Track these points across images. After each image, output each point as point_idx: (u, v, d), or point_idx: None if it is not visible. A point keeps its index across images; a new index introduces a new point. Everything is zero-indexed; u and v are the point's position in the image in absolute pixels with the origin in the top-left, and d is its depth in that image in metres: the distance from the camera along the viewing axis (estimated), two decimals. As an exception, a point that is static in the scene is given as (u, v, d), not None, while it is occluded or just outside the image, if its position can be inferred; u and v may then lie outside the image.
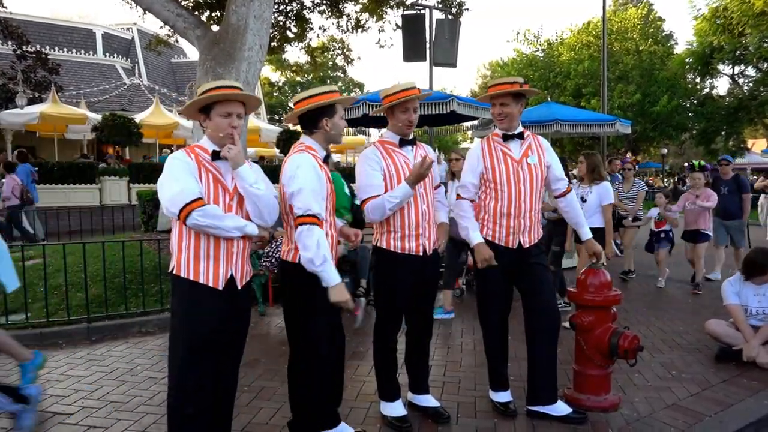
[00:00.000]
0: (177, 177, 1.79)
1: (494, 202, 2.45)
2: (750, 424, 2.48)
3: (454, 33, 7.02)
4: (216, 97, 1.84)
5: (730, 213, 5.54)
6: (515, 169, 2.43)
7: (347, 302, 1.92)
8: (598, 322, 2.57)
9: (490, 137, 2.55)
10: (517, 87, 2.41)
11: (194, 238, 1.83)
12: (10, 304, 3.99)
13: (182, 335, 1.84)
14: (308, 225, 1.90)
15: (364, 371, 3.10)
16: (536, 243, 2.50)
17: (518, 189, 2.42)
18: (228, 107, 1.85)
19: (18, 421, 2.37)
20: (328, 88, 2.09)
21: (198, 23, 5.12)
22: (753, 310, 3.25)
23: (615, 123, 8.06)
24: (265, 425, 2.45)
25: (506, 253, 2.45)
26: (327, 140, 2.11)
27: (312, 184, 1.94)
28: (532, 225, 2.47)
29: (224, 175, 1.89)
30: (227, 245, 1.86)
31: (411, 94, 2.27)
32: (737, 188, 5.60)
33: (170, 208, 1.78)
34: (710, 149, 19.06)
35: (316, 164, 2.00)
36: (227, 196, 1.87)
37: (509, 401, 2.56)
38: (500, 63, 23.83)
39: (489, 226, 2.48)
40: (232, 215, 1.86)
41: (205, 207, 1.78)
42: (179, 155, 1.86)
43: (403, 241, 2.31)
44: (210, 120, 1.87)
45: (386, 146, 2.36)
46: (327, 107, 2.06)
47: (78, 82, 17.14)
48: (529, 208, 2.44)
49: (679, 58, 18.88)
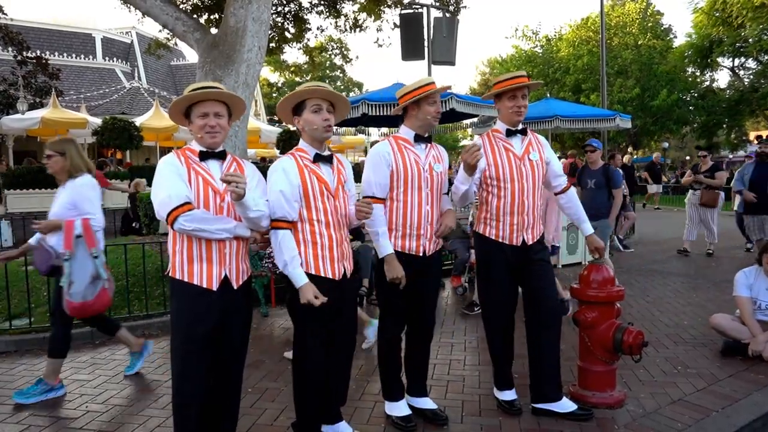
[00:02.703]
0: (165, 182, 1.80)
1: (497, 199, 2.43)
2: (757, 419, 2.46)
3: (452, 31, 7.00)
4: (191, 98, 1.85)
5: (594, 211, 4.28)
6: (518, 165, 2.42)
7: (315, 301, 1.90)
8: (601, 318, 2.56)
9: (490, 133, 2.53)
10: (528, 80, 2.43)
11: (186, 240, 1.84)
12: (13, 309, 4.00)
13: (180, 336, 1.86)
14: (273, 229, 1.96)
15: (368, 370, 3.09)
16: (539, 239, 2.49)
17: (521, 186, 2.40)
18: (203, 107, 1.85)
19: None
20: (300, 88, 2.02)
21: (197, 26, 5.12)
22: (763, 305, 3.22)
23: (615, 118, 8.03)
24: (269, 426, 2.44)
25: (511, 250, 2.43)
26: (310, 138, 2.05)
27: (279, 186, 1.95)
28: (535, 222, 2.47)
29: (214, 176, 1.88)
30: (219, 246, 1.86)
31: (435, 87, 2.30)
32: (606, 182, 4.71)
33: (160, 212, 1.80)
34: (712, 142, 18.97)
35: (289, 167, 1.98)
36: (218, 198, 1.86)
37: (514, 399, 2.55)
38: (499, 60, 23.79)
39: (492, 224, 2.46)
40: (220, 218, 1.85)
41: (193, 212, 1.78)
42: (169, 159, 1.86)
43: (404, 240, 2.30)
44: (190, 122, 1.89)
45: (399, 142, 2.33)
46: (296, 106, 2.03)
47: (78, 86, 17.18)
48: (532, 204, 2.43)
49: (678, 51, 18.81)
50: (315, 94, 2.01)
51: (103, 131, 12.02)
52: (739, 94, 17.81)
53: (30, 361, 3.50)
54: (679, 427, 2.34)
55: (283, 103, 2.05)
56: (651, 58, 18.76)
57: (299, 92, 2.01)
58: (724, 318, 3.37)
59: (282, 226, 1.95)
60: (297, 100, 2.03)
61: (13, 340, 3.76)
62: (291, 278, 1.95)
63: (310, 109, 2.01)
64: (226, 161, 1.93)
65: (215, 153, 1.91)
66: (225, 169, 1.90)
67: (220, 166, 1.91)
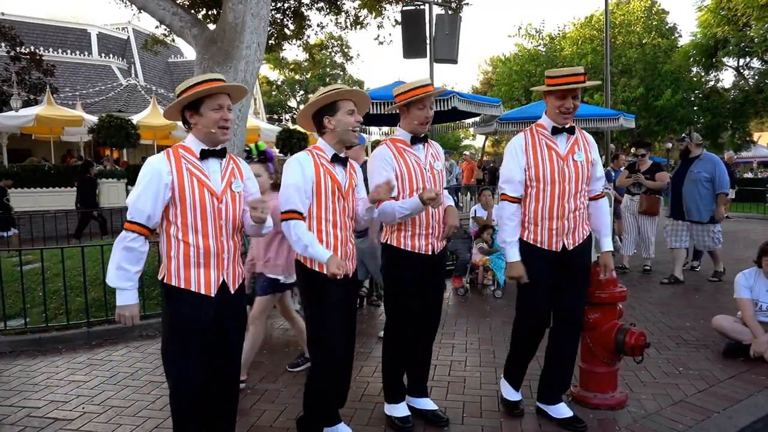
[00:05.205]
0: (136, 188, 1.75)
1: (535, 203, 2.27)
2: (759, 420, 2.46)
3: (454, 28, 6.95)
4: (208, 91, 1.78)
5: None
6: (560, 166, 2.24)
7: (343, 270, 1.92)
8: (604, 319, 2.54)
9: (533, 128, 2.32)
10: (584, 79, 2.20)
11: (183, 245, 1.78)
12: (8, 309, 3.95)
13: (177, 341, 1.80)
14: (286, 221, 1.98)
15: (368, 372, 3.07)
16: (582, 242, 2.31)
17: (562, 188, 2.23)
18: (219, 99, 1.81)
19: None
20: (331, 88, 2.06)
21: (194, 22, 5.06)
22: (764, 306, 3.22)
23: (619, 117, 8.01)
24: (268, 428, 2.42)
25: (549, 256, 2.29)
26: (336, 139, 2.06)
27: (293, 179, 1.97)
28: (577, 226, 2.29)
29: (211, 176, 1.81)
30: (217, 251, 1.82)
31: (428, 91, 2.22)
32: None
33: (127, 216, 1.77)
34: (716, 143, 18.99)
35: (306, 162, 2.00)
36: (215, 200, 1.80)
37: (519, 400, 2.54)
38: (501, 59, 23.74)
39: (530, 228, 2.31)
40: (132, 260, 1.75)
41: (135, 238, 1.74)
42: (154, 161, 1.77)
43: (413, 239, 2.28)
44: (200, 116, 1.80)
45: (398, 145, 2.30)
46: (326, 106, 2.04)
47: (73, 83, 17.02)
48: (574, 208, 2.26)
49: (683, 51, 18.76)
50: (353, 96, 2.06)
51: (99, 129, 11.92)
52: (744, 95, 17.79)
53: (25, 362, 3.46)
54: (681, 429, 2.33)
55: (318, 100, 2.03)
56: (655, 57, 18.67)
57: (341, 92, 2.03)
58: (726, 319, 3.36)
59: (294, 217, 1.97)
60: (333, 100, 2.03)
61: (7, 341, 3.72)
62: (315, 257, 1.96)
63: (345, 110, 2.03)
64: (224, 160, 1.87)
65: (217, 151, 1.84)
66: (223, 167, 1.85)
67: (220, 165, 1.85)
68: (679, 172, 5.12)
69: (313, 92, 2.31)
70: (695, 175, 4.89)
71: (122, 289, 1.77)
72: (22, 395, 2.88)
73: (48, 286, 4.28)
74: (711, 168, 4.87)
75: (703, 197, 4.87)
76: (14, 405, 2.75)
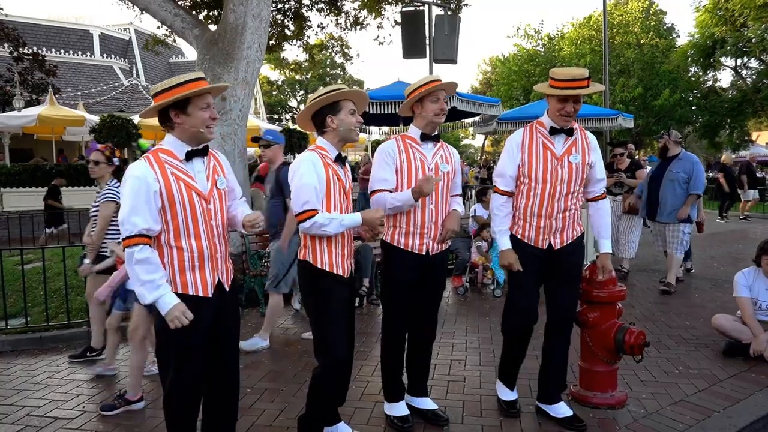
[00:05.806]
0: (125, 203, 1.69)
1: (525, 199, 2.30)
2: (759, 419, 2.45)
3: (453, 28, 6.96)
4: (200, 91, 1.76)
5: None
6: (554, 166, 2.24)
7: (380, 226, 2.04)
8: (603, 319, 2.54)
9: (534, 125, 2.34)
10: (588, 84, 2.18)
11: (177, 251, 1.76)
12: (9, 308, 3.96)
13: (173, 344, 1.78)
14: (308, 219, 1.94)
15: (368, 371, 3.07)
16: (572, 242, 2.33)
17: (553, 188, 2.24)
18: (206, 98, 1.80)
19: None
20: (333, 88, 2.07)
21: (196, 23, 5.08)
22: (763, 305, 3.22)
23: (617, 117, 8.02)
24: (268, 427, 2.42)
25: (535, 253, 2.32)
26: (338, 138, 2.08)
27: (309, 179, 1.95)
28: (566, 226, 2.30)
29: (196, 177, 1.78)
30: (211, 252, 1.81)
31: (440, 84, 2.26)
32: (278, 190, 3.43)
33: (121, 229, 1.71)
34: (714, 142, 18.94)
35: (316, 161, 1.99)
36: (203, 201, 1.79)
37: (515, 399, 2.54)
38: (500, 59, 23.76)
39: (519, 223, 2.35)
40: (150, 268, 1.69)
41: (142, 249, 1.67)
42: (135, 171, 1.70)
43: (407, 237, 2.29)
44: (188, 115, 1.76)
45: (406, 141, 2.31)
46: (328, 105, 2.05)
47: (75, 83, 17.07)
48: (564, 208, 2.27)
49: (681, 50, 18.78)
50: (353, 97, 2.06)
51: (101, 129, 11.93)
52: (741, 95, 17.79)
53: (26, 361, 3.47)
54: (681, 428, 2.33)
55: (322, 99, 2.03)
56: (653, 57, 18.73)
57: (343, 92, 2.04)
58: (726, 318, 3.36)
59: (313, 215, 1.95)
60: (335, 99, 2.04)
61: (9, 340, 3.73)
62: (354, 223, 2.01)
63: (347, 110, 2.04)
64: (206, 158, 1.85)
65: (200, 150, 1.82)
66: (206, 165, 1.84)
67: (203, 162, 1.84)
68: (657, 171, 4.90)
69: (313, 92, 2.31)
70: (674, 175, 4.72)
71: (158, 297, 1.70)
72: (22, 394, 2.89)
73: (49, 286, 4.29)
74: (689, 168, 4.70)
75: (679, 198, 4.68)
76: (15, 404, 2.76)
